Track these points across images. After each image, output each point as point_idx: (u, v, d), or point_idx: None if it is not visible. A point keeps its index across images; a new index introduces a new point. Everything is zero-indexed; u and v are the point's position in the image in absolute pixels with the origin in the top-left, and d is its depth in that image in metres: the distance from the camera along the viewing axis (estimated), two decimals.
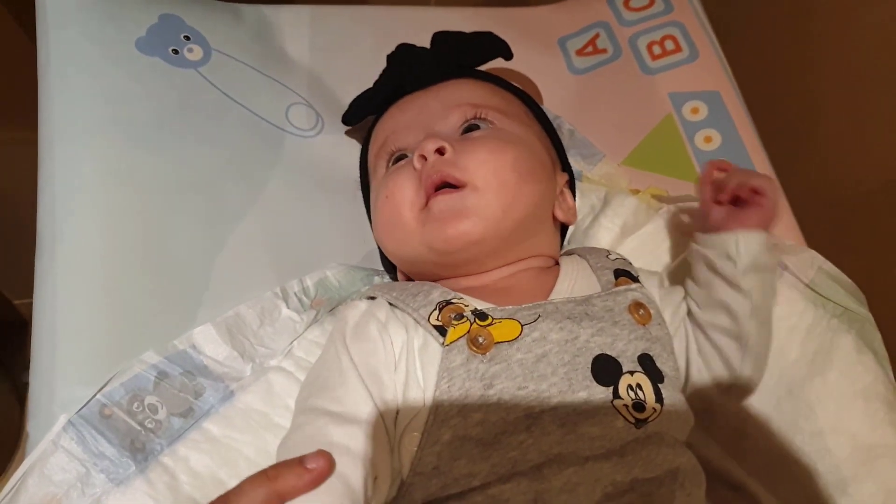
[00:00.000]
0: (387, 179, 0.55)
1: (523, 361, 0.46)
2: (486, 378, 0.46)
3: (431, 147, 0.52)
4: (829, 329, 0.62)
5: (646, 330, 0.51)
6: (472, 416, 0.45)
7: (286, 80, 0.70)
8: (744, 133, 0.71)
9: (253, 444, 0.51)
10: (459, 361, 0.46)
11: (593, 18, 0.81)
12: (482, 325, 0.48)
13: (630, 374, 0.48)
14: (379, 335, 0.49)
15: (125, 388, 0.49)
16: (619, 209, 0.66)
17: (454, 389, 0.45)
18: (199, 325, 0.53)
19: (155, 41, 0.64)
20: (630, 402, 0.47)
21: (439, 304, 0.49)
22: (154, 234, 0.56)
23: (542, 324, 0.48)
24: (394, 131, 0.58)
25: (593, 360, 0.48)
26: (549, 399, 0.46)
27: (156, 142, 0.59)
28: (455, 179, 0.51)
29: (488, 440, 0.44)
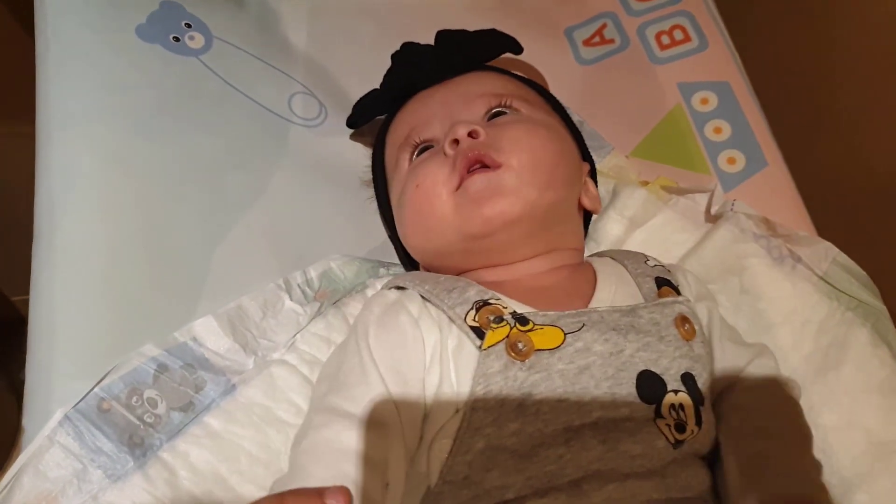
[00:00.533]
0: (415, 170, 0.53)
1: (565, 372, 0.44)
2: (526, 387, 0.43)
3: (464, 131, 0.50)
4: (843, 322, 0.60)
5: (689, 347, 0.49)
6: (507, 425, 0.43)
7: (289, 69, 0.68)
8: (754, 124, 0.70)
9: (255, 439, 0.50)
10: (497, 368, 0.44)
11: (600, 9, 0.79)
12: (523, 330, 0.45)
13: (674, 392, 0.46)
14: (410, 329, 0.46)
15: (124, 381, 0.48)
16: (628, 201, 0.64)
17: (490, 397, 0.43)
18: (200, 317, 0.52)
19: (156, 28, 0.63)
20: (672, 423, 0.45)
21: (476, 303, 0.47)
22: (154, 224, 0.55)
23: (587, 334, 0.46)
24: (417, 125, 0.56)
25: (638, 375, 0.46)
26: (591, 413, 0.44)
27: (156, 130, 0.58)
28: (491, 160, 0.49)
29: (524, 452, 0.43)
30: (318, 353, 0.55)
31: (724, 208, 0.64)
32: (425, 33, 0.63)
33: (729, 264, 0.62)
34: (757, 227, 0.63)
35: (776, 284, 0.62)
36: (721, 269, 0.62)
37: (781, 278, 0.62)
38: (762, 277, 0.62)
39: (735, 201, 0.64)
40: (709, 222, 0.65)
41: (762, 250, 0.63)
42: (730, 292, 0.62)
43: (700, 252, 0.63)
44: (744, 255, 0.62)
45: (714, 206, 0.64)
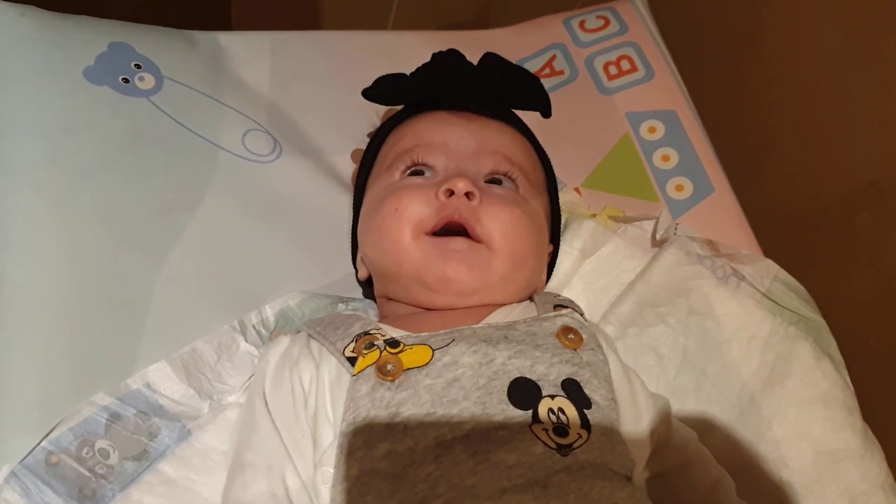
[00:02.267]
0: (400, 191, 0.53)
1: (432, 387, 0.45)
2: (392, 406, 0.44)
3: (463, 188, 0.51)
4: (787, 337, 0.63)
5: (575, 354, 0.48)
6: (378, 447, 0.43)
7: (242, 106, 0.69)
8: (700, 151, 0.72)
9: (211, 485, 0.50)
10: (365, 391, 0.45)
11: (550, 40, 0.81)
12: (392, 352, 0.46)
13: (551, 398, 0.45)
14: (289, 376, 0.49)
15: (74, 432, 0.47)
16: (577, 232, 0.66)
17: (359, 419, 0.44)
18: (153, 363, 0.51)
19: (104, 70, 0.62)
20: (551, 427, 0.44)
21: (357, 336, 0.48)
22: (102, 270, 0.54)
23: (455, 347, 0.46)
24: (426, 143, 0.56)
25: (510, 383, 0.45)
26: (462, 425, 0.43)
27: (105, 174, 0.58)
28: (475, 234, 0.51)
29: (396, 473, 0.42)
30: None
31: (669, 233, 0.66)
32: (378, 70, 0.63)
33: (676, 287, 0.64)
34: (701, 248, 0.66)
35: (722, 303, 0.64)
36: (668, 292, 0.64)
37: (727, 297, 0.64)
38: (708, 297, 0.64)
39: (678, 225, 0.66)
40: (655, 248, 0.67)
41: (707, 271, 0.65)
42: (678, 314, 0.64)
43: (647, 276, 0.65)
44: (689, 277, 0.65)
45: (660, 231, 0.66)
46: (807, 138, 0.77)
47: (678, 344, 0.63)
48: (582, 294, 0.66)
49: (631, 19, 0.81)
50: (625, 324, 0.63)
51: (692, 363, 0.62)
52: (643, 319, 0.64)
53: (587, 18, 0.82)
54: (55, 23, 0.64)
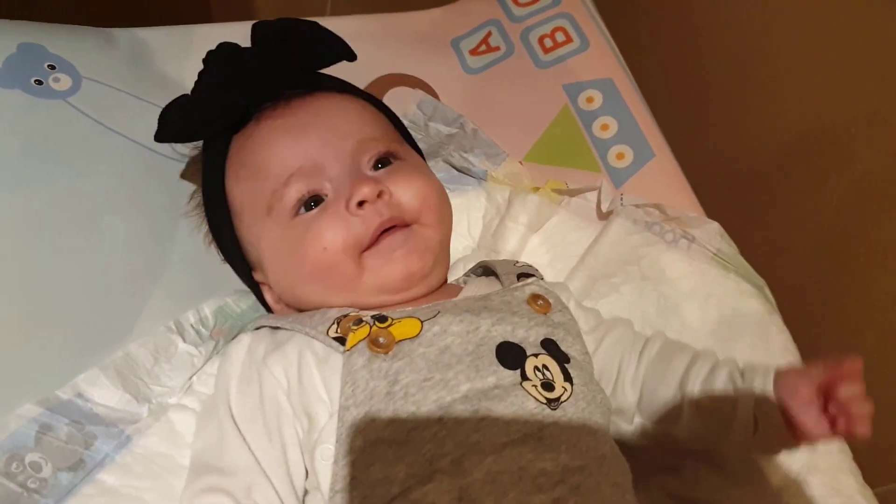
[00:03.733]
0: (312, 229, 0.51)
1: (426, 354, 0.46)
2: (390, 375, 0.45)
3: (371, 192, 0.50)
4: (741, 293, 0.65)
5: (546, 318, 0.52)
6: (380, 416, 0.44)
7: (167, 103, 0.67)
8: (639, 117, 0.74)
9: (156, 490, 0.49)
10: (361, 363, 0.46)
11: (484, 17, 0.82)
12: (382, 326, 0.47)
13: (535, 356, 0.48)
14: (258, 377, 0.49)
15: (1, 448, 0.46)
16: (521, 207, 0.66)
17: (359, 392, 0.45)
18: (84, 372, 0.50)
19: (13, 72, 0.61)
20: (539, 383, 0.47)
21: (337, 318, 0.49)
22: (25, 278, 0.53)
23: (442, 318, 0.48)
24: (299, 169, 0.52)
25: (497, 346, 0.48)
26: (458, 387, 0.45)
27: (21, 179, 0.56)
28: (403, 221, 0.52)
29: (401, 439, 0.44)
30: None
31: (615, 204, 0.67)
32: None
33: (626, 256, 0.66)
34: (648, 215, 0.67)
35: (675, 265, 0.66)
36: (619, 262, 0.65)
37: (679, 259, 0.66)
38: (660, 262, 0.66)
39: (623, 195, 0.67)
40: (602, 219, 0.68)
41: (655, 237, 0.66)
42: (632, 281, 0.65)
43: (596, 250, 0.66)
44: (639, 245, 0.66)
45: (604, 203, 0.67)
46: (739, 96, 0.79)
47: (635, 311, 0.64)
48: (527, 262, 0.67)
49: None
50: (578, 297, 0.64)
51: (652, 327, 0.63)
52: (596, 291, 0.65)
53: None
54: None
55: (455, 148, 0.70)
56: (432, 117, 0.71)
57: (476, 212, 0.69)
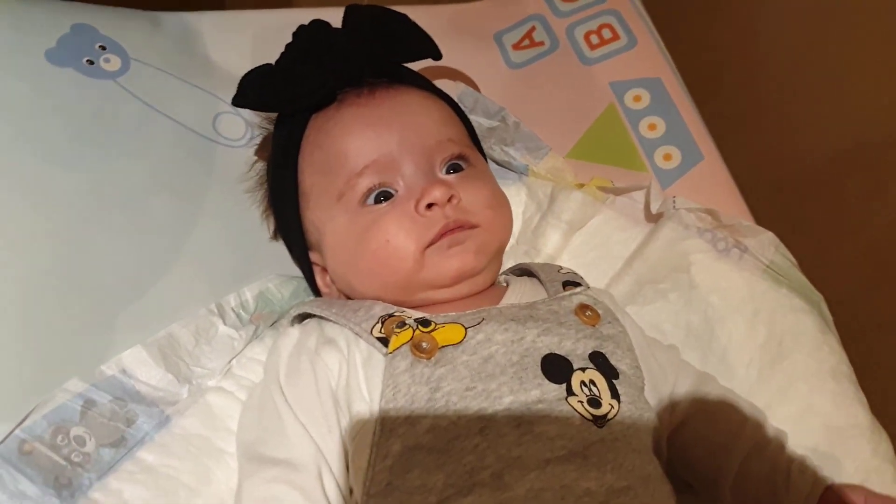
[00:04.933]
0: (380, 222, 0.53)
1: (469, 363, 0.47)
2: (433, 381, 0.46)
3: (442, 197, 0.52)
4: (792, 310, 0.63)
5: (594, 329, 0.51)
6: (420, 422, 0.45)
7: (213, 88, 0.69)
8: (687, 118, 0.73)
9: (193, 472, 0.50)
10: (403, 367, 0.46)
11: (528, 11, 0.82)
12: (425, 331, 0.48)
13: (582, 370, 0.48)
14: (311, 367, 0.50)
15: (48, 420, 0.47)
16: (564, 205, 0.67)
17: (399, 396, 0.45)
18: (128, 348, 0.52)
19: (67, 52, 0.63)
20: (585, 399, 0.47)
21: (381, 317, 0.50)
22: (73, 255, 0.54)
23: (487, 326, 0.48)
24: (374, 162, 0.54)
25: (542, 358, 0.48)
26: (501, 398, 0.46)
27: (70, 157, 0.58)
28: (470, 225, 0.54)
29: (441, 447, 0.44)
30: (257, 378, 0.55)
31: (666, 206, 0.66)
32: None
33: (675, 263, 0.65)
34: (701, 221, 0.66)
35: (725, 276, 0.65)
36: (668, 268, 0.65)
37: (729, 269, 0.65)
38: (710, 271, 0.65)
39: (676, 198, 0.67)
40: (650, 221, 0.68)
41: (707, 245, 0.66)
42: (680, 289, 0.65)
43: (645, 254, 0.66)
44: (689, 252, 0.65)
45: (653, 204, 0.67)
46: (793, 101, 0.79)
47: (681, 320, 0.64)
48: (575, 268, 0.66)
49: None
50: (623, 302, 0.64)
51: (697, 338, 0.63)
52: (643, 297, 0.65)
53: None
54: (15, 6, 0.64)
55: (496, 141, 0.70)
56: (473, 110, 0.71)
57: (516, 207, 0.69)
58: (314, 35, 0.59)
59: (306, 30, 0.59)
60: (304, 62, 0.57)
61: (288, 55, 0.59)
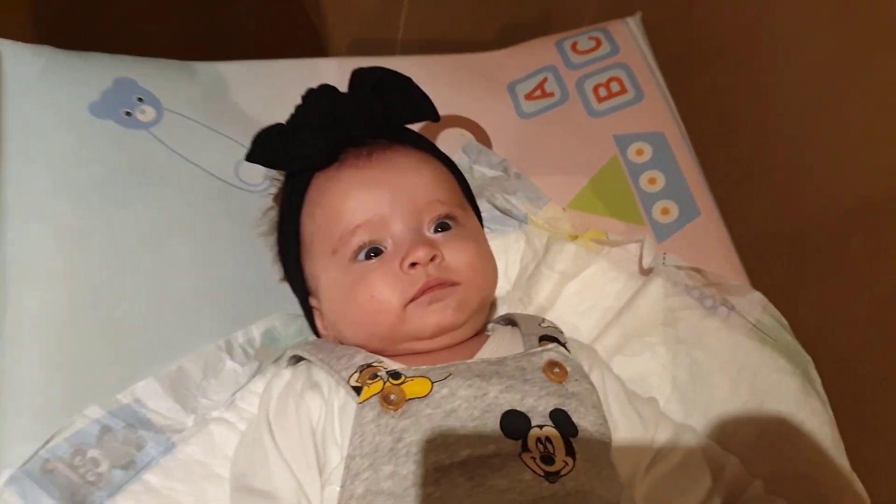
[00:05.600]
0: (367, 278, 0.58)
1: (432, 416, 0.51)
2: (396, 432, 0.50)
3: (425, 256, 0.57)
4: (776, 370, 0.65)
5: (561, 386, 0.55)
6: (382, 469, 0.49)
7: (238, 135, 0.75)
8: (688, 173, 0.76)
9: (192, 494, 0.56)
10: (371, 417, 0.51)
11: (542, 63, 0.86)
12: (395, 383, 0.53)
13: (539, 427, 0.52)
14: (296, 409, 0.55)
15: (69, 442, 0.54)
16: (558, 256, 0.70)
17: (365, 444, 0.50)
18: (143, 380, 0.59)
19: (108, 104, 0.71)
20: (538, 455, 0.50)
21: (360, 367, 0.55)
22: (101, 293, 0.62)
23: (452, 381, 0.53)
24: (366, 222, 0.59)
25: (502, 415, 0.52)
26: (458, 451, 0.50)
27: (104, 203, 0.65)
28: (451, 282, 0.58)
29: (399, 493, 0.49)
30: (256, 411, 0.61)
31: (656, 262, 0.70)
32: None
33: (663, 317, 0.68)
34: (690, 278, 0.69)
35: (711, 333, 0.67)
36: (656, 322, 0.68)
37: (716, 327, 0.67)
38: (696, 327, 0.67)
39: (666, 255, 0.70)
40: (643, 274, 0.71)
41: (695, 301, 0.68)
42: (668, 343, 0.68)
43: (634, 306, 0.69)
44: (676, 308, 0.68)
45: (646, 259, 0.70)
46: (799, 157, 0.80)
47: (667, 373, 0.67)
48: (567, 317, 0.71)
49: (623, 40, 0.85)
50: (611, 353, 0.68)
51: (682, 393, 0.66)
52: (630, 349, 0.68)
53: (580, 40, 0.86)
54: (65, 60, 0.72)
55: (498, 189, 0.75)
56: (477, 160, 0.76)
57: (514, 254, 0.74)
58: (320, 99, 0.64)
59: (314, 93, 0.65)
60: (309, 125, 0.62)
61: (296, 117, 0.65)
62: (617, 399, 0.59)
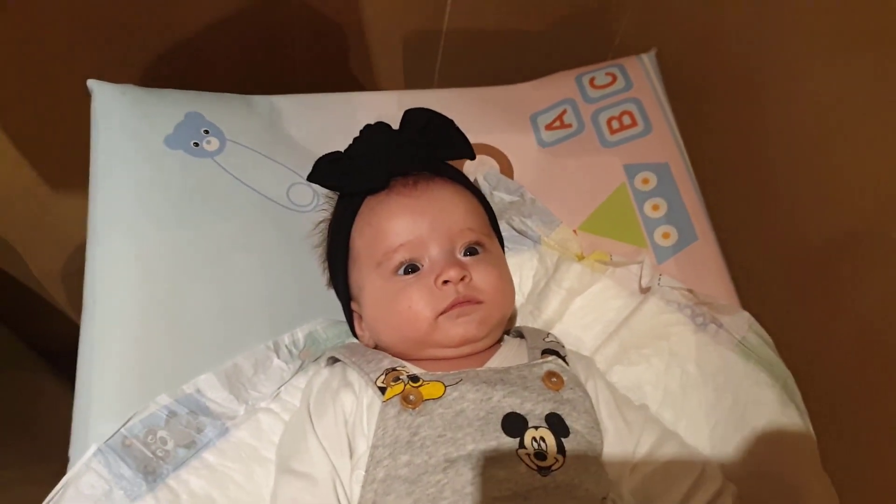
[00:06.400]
0: (406, 291, 0.67)
1: (444, 415, 0.60)
2: (413, 427, 0.59)
3: (456, 276, 0.66)
4: (757, 383, 0.72)
5: (557, 394, 0.63)
6: (400, 457, 0.58)
7: (289, 162, 0.86)
8: (688, 201, 0.83)
9: (242, 472, 0.66)
10: (392, 414, 0.60)
11: (562, 95, 0.93)
12: (414, 385, 0.62)
13: (535, 428, 0.60)
14: (332, 404, 0.64)
15: (143, 423, 0.65)
16: (565, 274, 0.78)
17: (387, 436, 0.60)
18: (204, 374, 0.69)
19: (180, 137, 0.81)
20: (532, 451, 0.59)
21: (386, 370, 0.64)
22: (174, 299, 0.72)
23: (463, 386, 0.62)
24: (408, 242, 0.68)
25: (504, 416, 0.60)
26: (465, 445, 0.58)
27: (177, 222, 0.76)
28: (476, 300, 0.67)
29: (413, 479, 0.58)
30: (298, 403, 0.71)
31: (653, 282, 0.77)
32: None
33: (658, 332, 0.75)
34: (683, 297, 0.76)
35: (701, 347, 0.74)
36: (651, 336, 0.75)
37: (705, 342, 0.74)
38: (687, 342, 0.75)
39: (661, 276, 0.77)
40: (642, 293, 0.78)
41: (686, 318, 0.76)
42: (661, 355, 0.75)
43: (631, 323, 0.76)
44: (670, 324, 0.75)
45: (644, 279, 0.77)
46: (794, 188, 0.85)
47: (661, 382, 0.74)
48: (573, 329, 0.79)
49: (636, 76, 0.92)
50: (610, 363, 0.75)
51: (673, 400, 0.73)
52: (627, 359, 0.75)
53: (597, 75, 0.93)
54: (145, 97, 0.83)
55: (516, 213, 0.83)
56: (496, 187, 0.85)
57: (528, 271, 0.82)
58: (376, 133, 0.75)
59: (371, 128, 0.76)
60: (365, 155, 0.73)
61: (354, 147, 0.75)
62: (606, 406, 0.67)
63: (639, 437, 0.67)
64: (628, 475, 0.65)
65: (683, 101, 0.92)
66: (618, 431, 0.66)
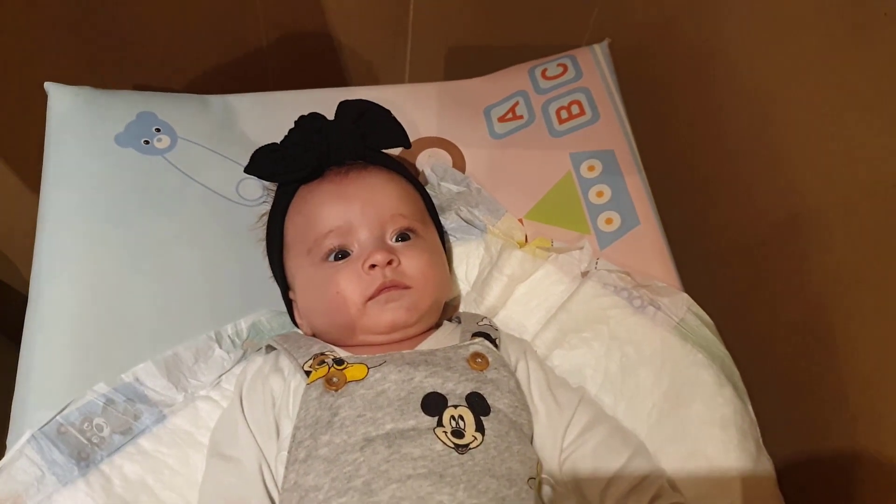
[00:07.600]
0: (335, 276, 0.67)
1: (364, 395, 0.60)
2: (333, 408, 0.59)
3: (383, 260, 0.66)
4: (693, 363, 0.71)
5: (481, 374, 0.63)
6: (320, 438, 0.59)
7: (241, 158, 0.84)
8: (632, 186, 0.82)
9: (177, 457, 0.67)
10: (314, 395, 0.60)
11: (515, 88, 0.93)
12: (338, 368, 0.62)
13: (454, 407, 0.60)
14: (262, 389, 0.65)
15: (79, 411, 0.65)
16: (507, 261, 0.77)
17: (308, 417, 0.60)
18: (143, 363, 0.69)
19: (130, 135, 0.82)
20: (450, 430, 0.58)
21: (314, 355, 0.64)
22: (116, 290, 0.73)
23: (385, 367, 0.62)
24: (337, 228, 0.68)
25: (424, 396, 0.60)
26: (384, 425, 0.58)
27: (123, 218, 0.77)
28: (403, 286, 0.67)
29: (331, 458, 0.58)
30: None
31: (591, 266, 0.76)
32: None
33: (595, 315, 0.74)
34: (621, 280, 0.75)
35: (639, 329, 0.73)
36: (589, 320, 0.74)
37: (644, 324, 0.73)
38: (626, 324, 0.73)
39: (598, 260, 0.76)
40: (584, 277, 0.77)
41: (623, 301, 0.74)
42: (601, 339, 0.74)
43: (568, 306, 0.75)
44: (608, 307, 0.74)
45: (582, 263, 0.77)
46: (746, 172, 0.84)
47: (600, 365, 0.73)
48: (516, 315, 0.78)
49: (587, 66, 0.91)
50: (550, 347, 0.75)
51: (612, 383, 0.72)
52: (568, 343, 0.74)
53: (549, 66, 0.93)
54: (99, 98, 0.85)
55: (463, 203, 0.83)
56: (443, 178, 0.84)
57: (474, 259, 0.81)
58: (310, 124, 0.75)
59: (305, 119, 0.76)
60: (300, 146, 0.73)
61: (288, 137, 0.75)
62: (538, 387, 0.66)
63: (570, 418, 0.66)
64: (559, 456, 0.65)
65: (641, 90, 0.91)
66: (549, 412, 0.65)
